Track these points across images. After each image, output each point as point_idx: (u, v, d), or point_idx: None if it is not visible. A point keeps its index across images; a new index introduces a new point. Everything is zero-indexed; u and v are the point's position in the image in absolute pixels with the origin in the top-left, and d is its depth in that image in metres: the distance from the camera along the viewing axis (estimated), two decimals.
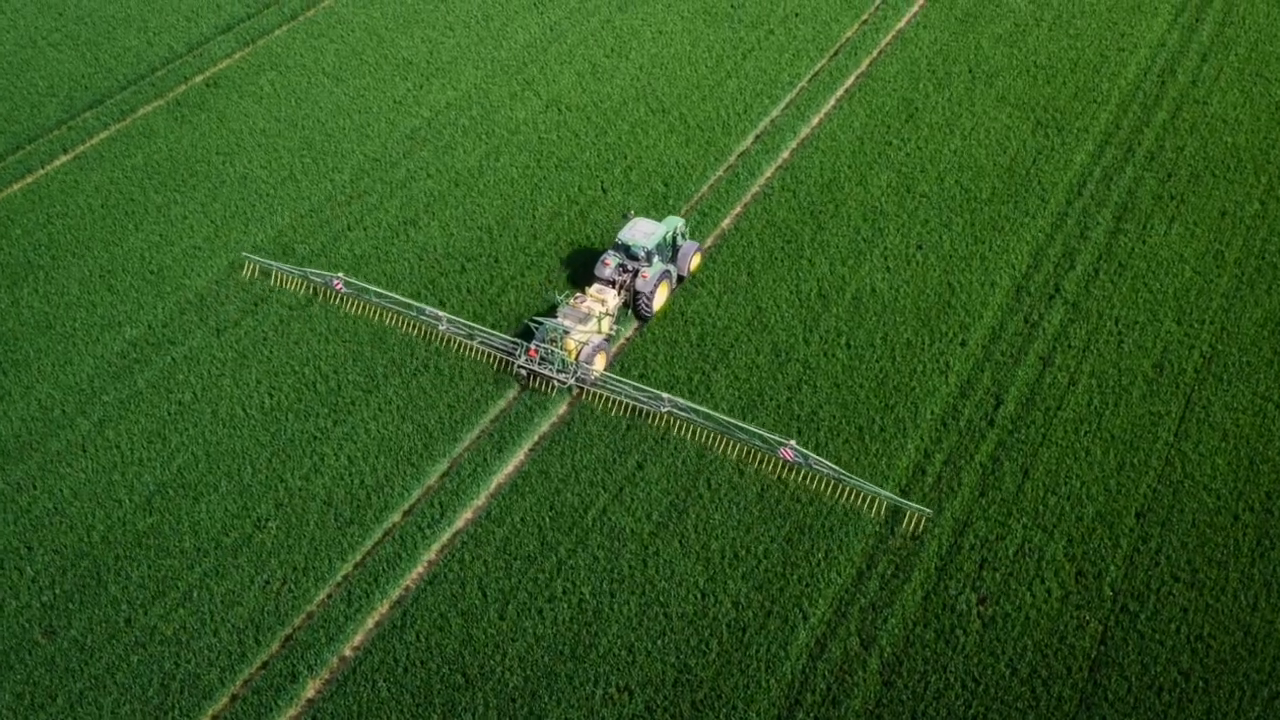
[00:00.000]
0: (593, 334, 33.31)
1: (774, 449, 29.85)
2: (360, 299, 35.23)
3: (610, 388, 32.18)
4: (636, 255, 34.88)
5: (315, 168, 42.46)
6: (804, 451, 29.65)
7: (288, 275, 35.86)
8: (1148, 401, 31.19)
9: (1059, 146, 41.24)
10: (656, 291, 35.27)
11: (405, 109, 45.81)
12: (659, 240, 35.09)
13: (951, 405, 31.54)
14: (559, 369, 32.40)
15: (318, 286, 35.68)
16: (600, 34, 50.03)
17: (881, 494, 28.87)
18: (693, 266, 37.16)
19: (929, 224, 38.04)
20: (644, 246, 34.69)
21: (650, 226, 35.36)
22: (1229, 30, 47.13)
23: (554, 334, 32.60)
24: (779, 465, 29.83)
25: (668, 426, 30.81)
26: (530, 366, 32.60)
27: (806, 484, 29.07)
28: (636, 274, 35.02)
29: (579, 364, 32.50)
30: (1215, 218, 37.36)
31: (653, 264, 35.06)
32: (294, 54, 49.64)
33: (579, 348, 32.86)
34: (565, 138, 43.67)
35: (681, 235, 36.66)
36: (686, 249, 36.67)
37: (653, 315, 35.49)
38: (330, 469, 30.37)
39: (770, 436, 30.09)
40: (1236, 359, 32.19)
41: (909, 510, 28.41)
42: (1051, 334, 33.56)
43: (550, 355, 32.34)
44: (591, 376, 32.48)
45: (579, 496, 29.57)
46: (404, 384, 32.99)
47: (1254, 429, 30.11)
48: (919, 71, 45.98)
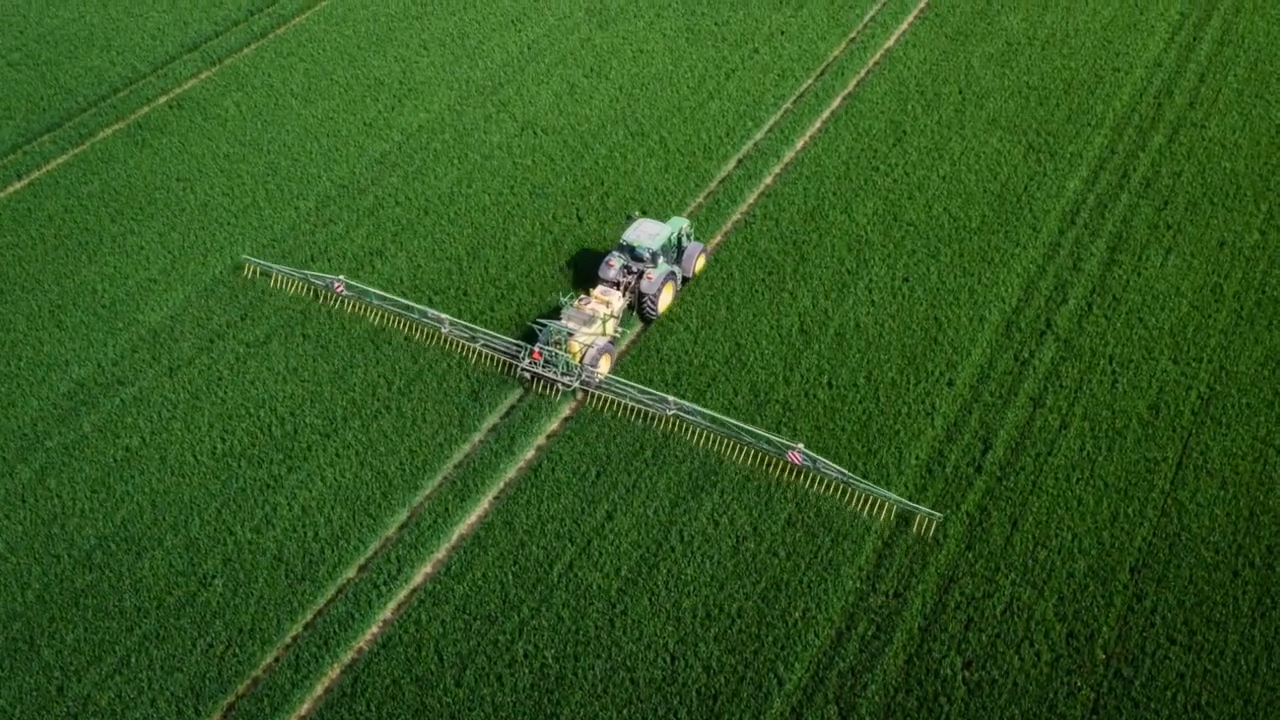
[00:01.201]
0: (597, 336, 33.22)
1: (782, 452, 29.82)
2: (361, 301, 35.13)
3: (615, 390, 32.04)
4: (641, 256, 34.89)
5: (279, 195, 41.41)
6: (812, 455, 29.44)
7: (287, 277, 35.95)
8: (1143, 446, 30.13)
9: (1051, 172, 40.28)
10: (661, 293, 35.24)
11: (375, 132, 44.78)
12: (664, 241, 35.15)
13: (937, 450, 30.45)
14: (563, 372, 32.34)
15: (317, 288, 35.66)
16: (579, 53, 49.10)
17: (891, 498, 28.65)
18: (698, 268, 37.10)
19: (916, 255, 37.02)
20: (649, 248, 34.66)
21: (655, 227, 35.35)
22: (1227, 49, 46.25)
23: (558, 336, 32.49)
24: (787, 469, 29.71)
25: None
26: (534, 369, 32.56)
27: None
28: (641, 275, 35.05)
29: (583, 367, 32.38)
30: (1213, 248, 36.37)
31: (658, 265, 35.12)
32: (261, 74, 48.64)
33: (583, 350, 32.73)
34: (540, 162, 42.66)
35: (687, 236, 36.63)
36: (691, 250, 36.67)
37: (658, 317, 35.50)
38: (283, 520, 29.22)
39: (777, 440, 30.05)
40: (1235, 400, 31.14)
41: (919, 515, 28.19)
42: (1043, 373, 32.51)
43: (554, 358, 32.25)
44: (596, 379, 32.41)
45: (544, 550, 28.45)
46: (364, 427, 31.89)
47: (1254, 476, 29.05)
48: (907, 92, 45.04)
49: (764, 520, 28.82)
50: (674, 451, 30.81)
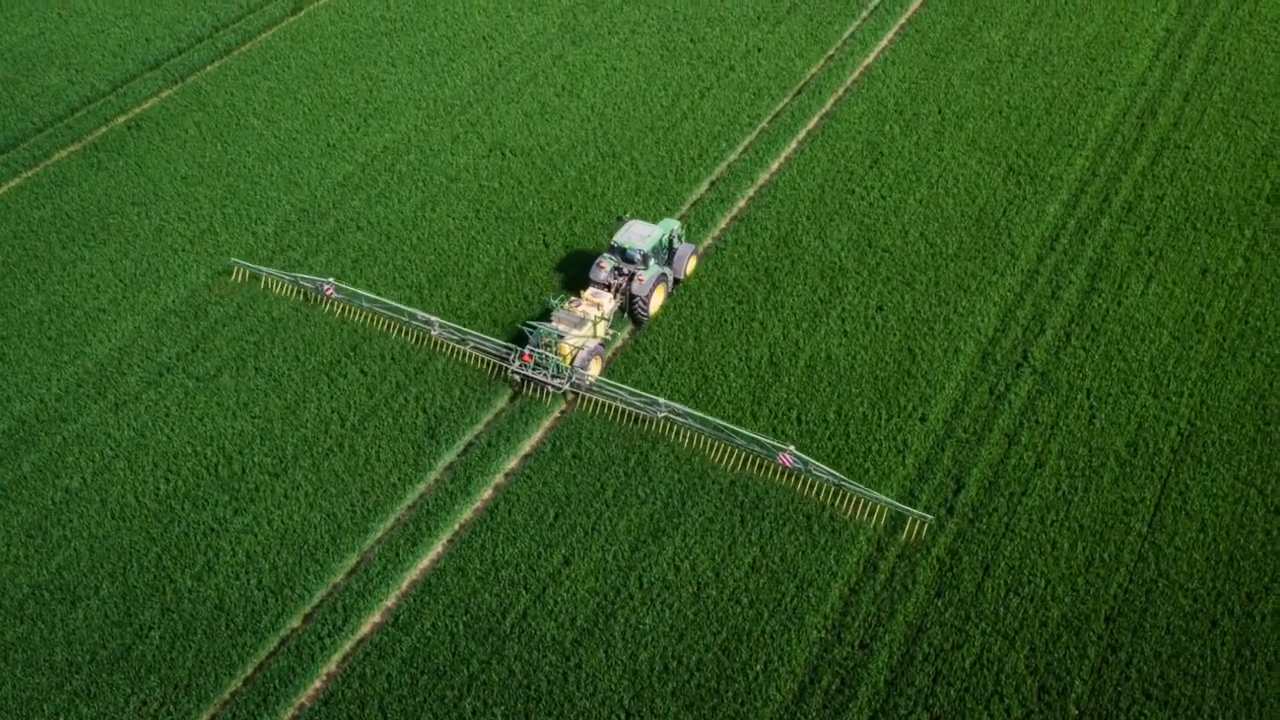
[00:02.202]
0: (588, 338, 33.40)
1: (773, 455, 29.84)
2: (350, 304, 35.34)
3: (605, 393, 32.19)
4: (632, 258, 34.97)
5: (237, 219, 40.60)
6: (803, 457, 29.50)
7: (278, 278, 35.89)
8: (1120, 486, 29.38)
9: (1031, 196, 39.58)
10: (653, 295, 35.40)
11: (339, 153, 43.99)
12: (655, 243, 35.15)
13: (908, 490, 29.64)
14: (554, 374, 32.49)
15: (307, 290, 35.62)
16: (551, 71, 48.39)
17: (883, 500, 28.65)
18: (689, 269, 37.24)
19: (890, 282, 36.28)
20: (639, 249, 34.73)
21: (646, 229, 35.44)
22: (1213, 67, 45.65)
23: (548, 339, 32.65)
24: (777, 472, 29.67)
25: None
26: (524, 372, 32.77)
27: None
28: (632, 277, 35.16)
29: (574, 369, 32.54)
30: (1196, 276, 35.68)
31: (649, 267, 35.21)
32: (224, 92, 47.85)
33: (574, 352, 32.86)
34: (507, 185, 41.91)
35: (678, 238, 36.70)
36: (683, 251, 36.77)
37: (649, 319, 35.65)
38: (225, 566, 28.35)
39: (768, 442, 30.04)
40: (1216, 437, 30.41)
41: (911, 517, 28.26)
42: (1018, 408, 31.77)
43: (545, 360, 32.36)
44: (586, 382, 32.59)
45: (497, 597, 27.59)
46: (314, 466, 31.03)
47: (1234, 519, 28.31)
48: (886, 112, 44.37)
49: (727, 565, 28.02)
50: (635, 491, 30.10)
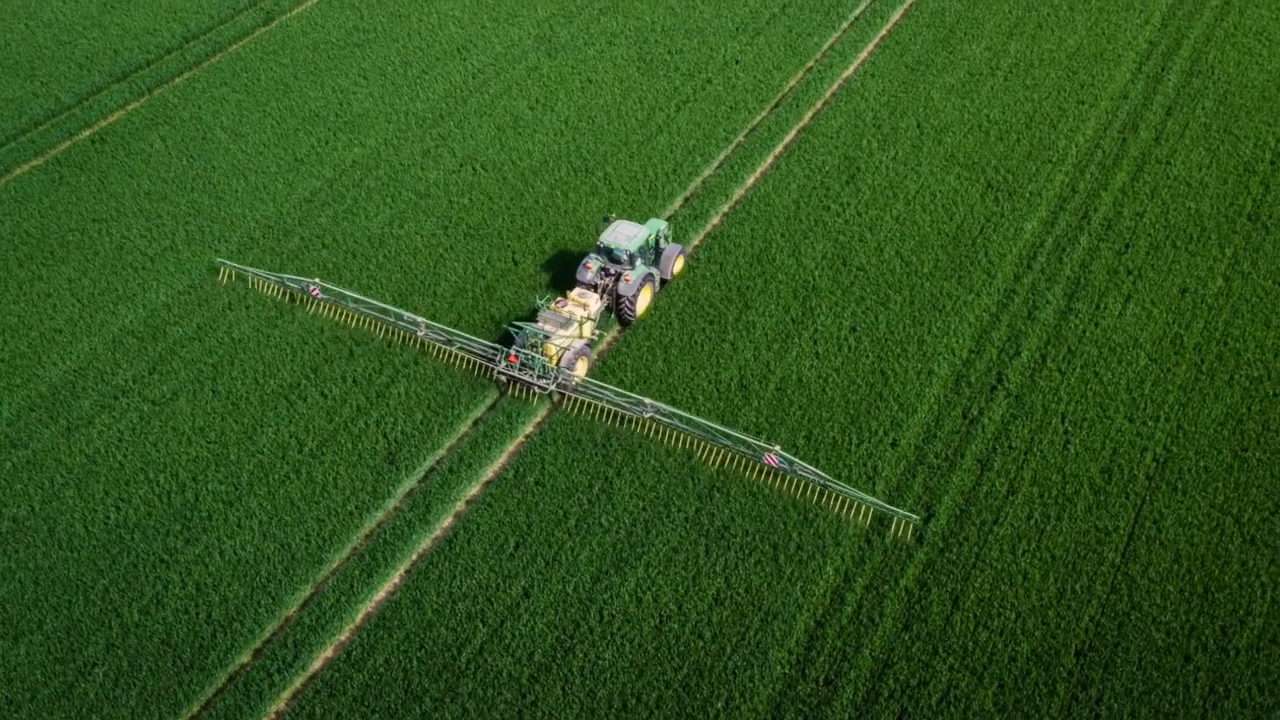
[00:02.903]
0: (574, 339, 33.60)
1: (758, 455, 30.06)
2: (336, 304, 35.51)
3: (591, 393, 32.40)
4: (619, 258, 35.18)
5: (200, 236, 40.02)
6: (788, 457, 29.72)
7: (263, 280, 35.93)
8: (1094, 514, 28.90)
9: (1009, 213, 39.16)
10: (639, 295, 35.60)
11: (307, 168, 43.45)
12: (641, 243, 35.36)
13: (876, 519, 29.08)
14: (540, 375, 32.69)
15: (292, 290, 35.74)
16: (525, 83, 47.92)
17: (868, 500, 28.87)
18: (676, 270, 37.42)
19: (864, 302, 35.81)
20: (626, 250, 34.93)
21: (632, 229, 35.62)
22: (1196, 80, 45.31)
23: (534, 339, 32.84)
24: (763, 472, 29.89)
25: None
26: (510, 373, 32.95)
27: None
28: (619, 277, 35.35)
29: (560, 369, 32.73)
30: (1175, 296, 35.25)
31: (635, 267, 35.42)
32: (191, 105, 47.29)
33: (560, 353, 33.04)
34: (478, 201, 41.41)
35: (664, 238, 37.00)
36: (669, 252, 37.00)
37: (635, 319, 35.78)
38: (174, 599, 27.73)
39: (754, 442, 30.27)
40: (1193, 463, 29.94)
41: (896, 518, 28.53)
42: (992, 433, 31.28)
43: (531, 361, 32.54)
44: (573, 382, 32.74)
45: (454, 631, 27.00)
46: (270, 493, 30.46)
47: (1209, 549, 27.86)
48: (863, 126, 43.95)
49: (690, 597, 27.49)
50: (599, 519, 29.56)
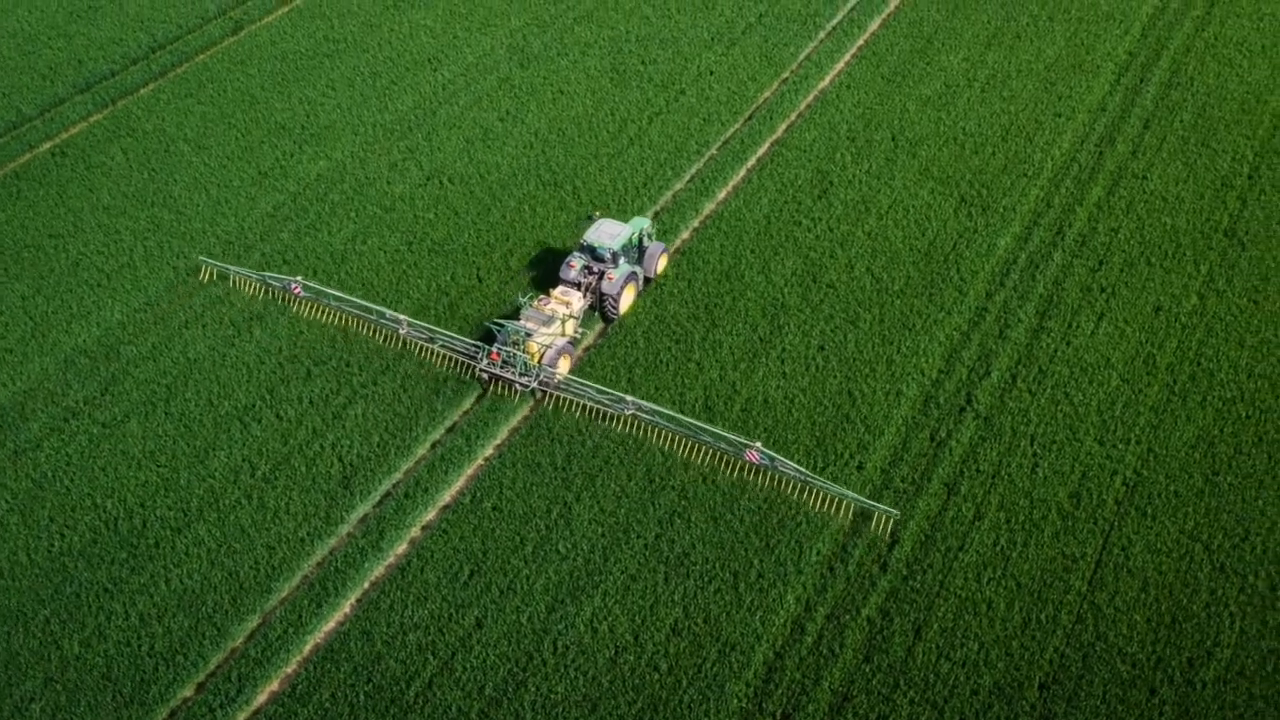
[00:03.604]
0: (557, 337, 33.84)
1: (740, 451, 30.23)
2: (319, 303, 35.74)
3: (573, 391, 32.65)
4: (602, 257, 35.48)
5: (159, 252, 39.46)
6: (770, 454, 29.91)
7: (245, 280, 36.17)
8: (1061, 540, 28.47)
9: (983, 228, 38.78)
10: (623, 293, 35.85)
11: (270, 181, 42.95)
12: (624, 241, 35.65)
13: (840, 545, 28.71)
14: (521, 372, 32.89)
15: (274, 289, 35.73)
16: (496, 94, 47.48)
17: (850, 496, 29.12)
18: (660, 268, 37.74)
19: (833, 320, 35.39)
20: (609, 248, 35.21)
21: (616, 228, 35.90)
22: (1175, 93, 45.03)
23: (516, 337, 33.06)
24: (745, 469, 30.20)
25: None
26: (492, 370, 33.19)
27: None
28: (602, 276, 35.60)
29: (542, 367, 32.93)
30: (1148, 315, 34.88)
31: (619, 265, 35.68)
32: (155, 117, 46.74)
33: (542, 351, 33.28)
34: (444, 216, 40.93)
35: (648, 236, 37.25)
36: (653, 250, 37.26)
37: (619, 317, 36.05)
38: (117, 630, 27.13)
39: (735, 439, 30.51)
40: (1163, 487, 29.55)
41: (878, 513, 28.83)
42: (959, 455, 30.84)
43: (513, 358, 32.74)
44: (554, 380, 32.95)
45: (403, 664, 26.42)
46: (220, 520, 29.89)
47: (1177, 577, 27.44)
48: (837, 139, 43.58)
49: (647, 627, 26.99)
50: (556, 546, 29.04)
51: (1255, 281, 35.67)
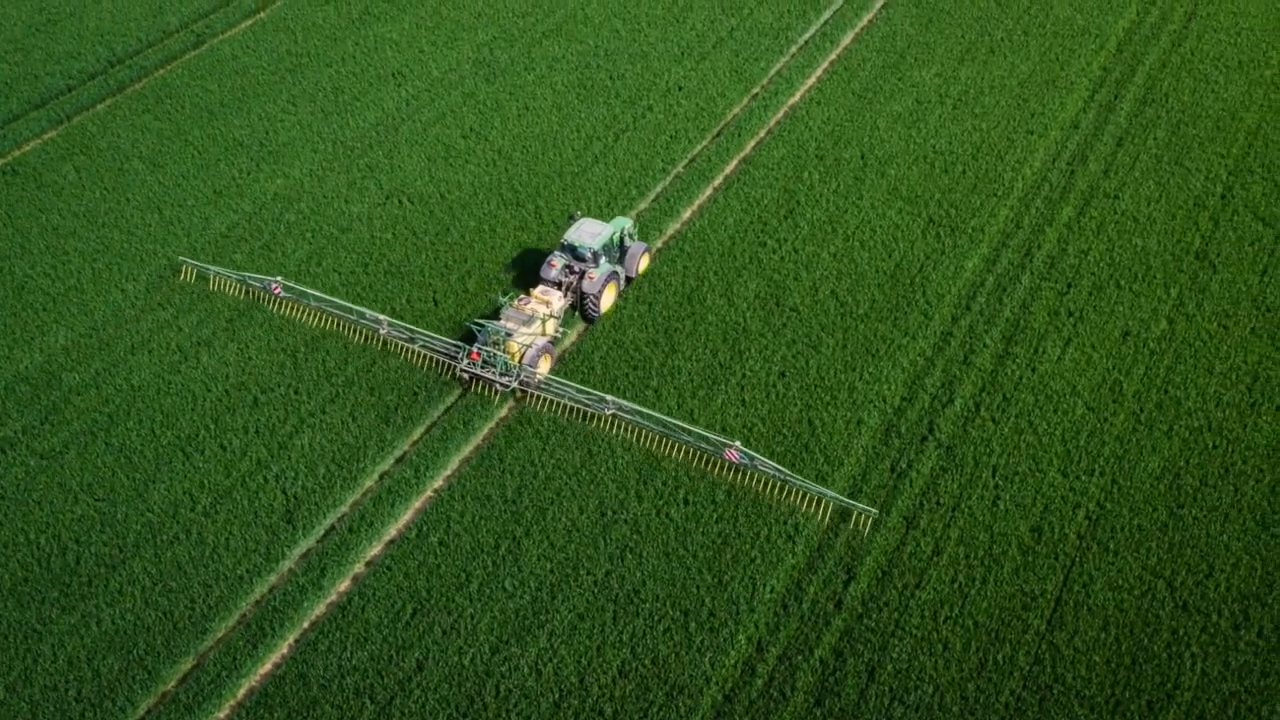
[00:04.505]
0: (537, 336, 34.06)
1: (719, 450, 30.62)
2: (299, 303, 36.09)
3: (553, 391, 32.95)
4: (583, 256, 35.73)
5: (108, 274, 38.76)
6: (749, 453, 30.24)
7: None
8: (1021, 577, 27.90)
9: (950, 250, 38.28)
10: (603, 293, 36.10)
11: (226, 201, 42.28)
12: (605, 241, 35.93)
13: (795, 581, 28.09)
14: (502, 372, 33.15)
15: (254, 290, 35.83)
16: (460, 110, 46.91)
17: (828, 495, 29.39)
18: (641, 268, 37.98)
19: (795, 345, 34.83)
20: (590, 247, 35.51)
21: (596, 227, 36.22)
22: (1150, 109, 44.60)
23: (496, 336, 33.36)
24: (725, 467, 30.62)
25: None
26: (473, 370, 33.44)
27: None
28: (583, 275, 35.86)
29: (522, 367, 33.22)
30: (1116, 340, 34.39)
31: (599, 265, 35.98)
32: (110, 134, 46.05)
33: (522, 350, 33.52)
34: (402, 236, 40.30)
35: (629, 236, 37.52)
36: (634, 250, 37.52)
37: (599, 316, 36.31)
38: (43, 675, 26.31)
39: (715, 438, 30.83)
40: (1126, 521, 29.00)
41: (856, 512, 29.21)
42: (920, 487, 30.27)
43: (493, 358, 33.06)
44: (535, 379, 33.24)
45: (339, 709, 25.47)
46: (156, 556, 29.15)
47: (1139, 615, 26.86)
48: (806, 157, 43.06)
49: (593, 669, 26.34)
50: (503, 584, 28.34)
51: (1225, 305, 35.27)
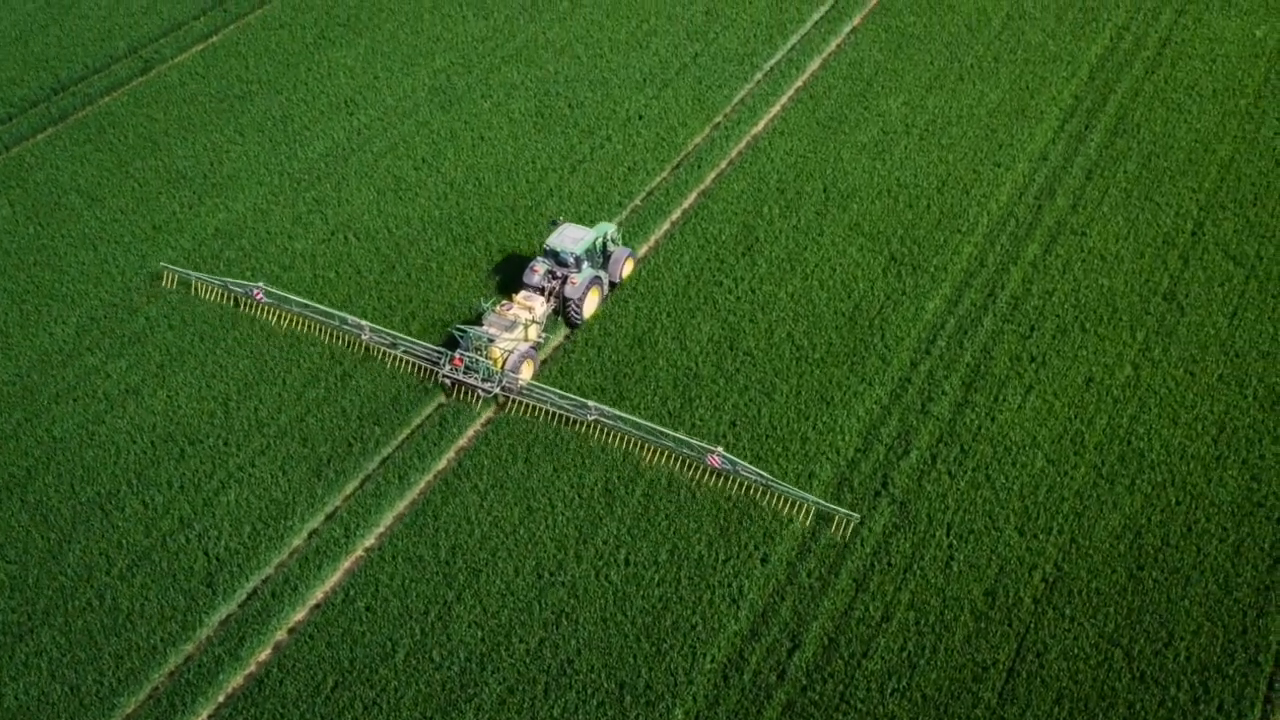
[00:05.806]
0: (519, 342, 34.28)
1: (701, 456, 30.92)
2: (281, 308, 36.36)
3: (536, 396, 33.19)
4: (565, 261, 36.05)
5: (36, 316, 37.61)
6: (732, 458, 30.45)
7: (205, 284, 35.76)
8: (973, 646, 26.92)
9: (911, 290, 37.40)
10: (586, 298, 36.35)
11: (164, 237, 41.24)
12: (588, 246, 36.30)
13: (737, 650, 27.06)
14: (484, 378, 33.46)
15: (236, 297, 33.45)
16: (413, 140, 45.97)
17: (810, 499, 29.68)
18: (625, 273, 38.28)
19: (748, 393, 33.89)
20: (572, 252, 35.85)
21: (579, 232, 36.59)
22: (1120, 141, 43.82)
23: (479, 342, 33.46)
24: (707, 473, 30.84)
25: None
26: (455, 376, 33.72)
27: None
28: (565, 280, 36.15)
29: (505, 373, 33.52)
30: (1079, 387, 33.50)
31: (582, 270, 36.25)
32: (49, 166, 45.00)
33: (505, 356, 33.74)
34: (345, 275, 39.24)
35: (613, 241, 37.93)
36: (618, 255, 37.87)
37: (582, 322, 36.63)
38: None
39: (697, 444, 31.05)
40: (1084, 584, 28.03)
41: (838, 516, 29.36)
42: (871, 547, 29.31)
43: (475, 364, 33.37)
44: (518, 385, 33.53)
45: None
46: (67, 624, 27.90)
47: (1094, 686, 25.88)
48: (767, 190, 42.21)
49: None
50: (430, 654, 27.01)
51: (1193, 350, 34.40)
